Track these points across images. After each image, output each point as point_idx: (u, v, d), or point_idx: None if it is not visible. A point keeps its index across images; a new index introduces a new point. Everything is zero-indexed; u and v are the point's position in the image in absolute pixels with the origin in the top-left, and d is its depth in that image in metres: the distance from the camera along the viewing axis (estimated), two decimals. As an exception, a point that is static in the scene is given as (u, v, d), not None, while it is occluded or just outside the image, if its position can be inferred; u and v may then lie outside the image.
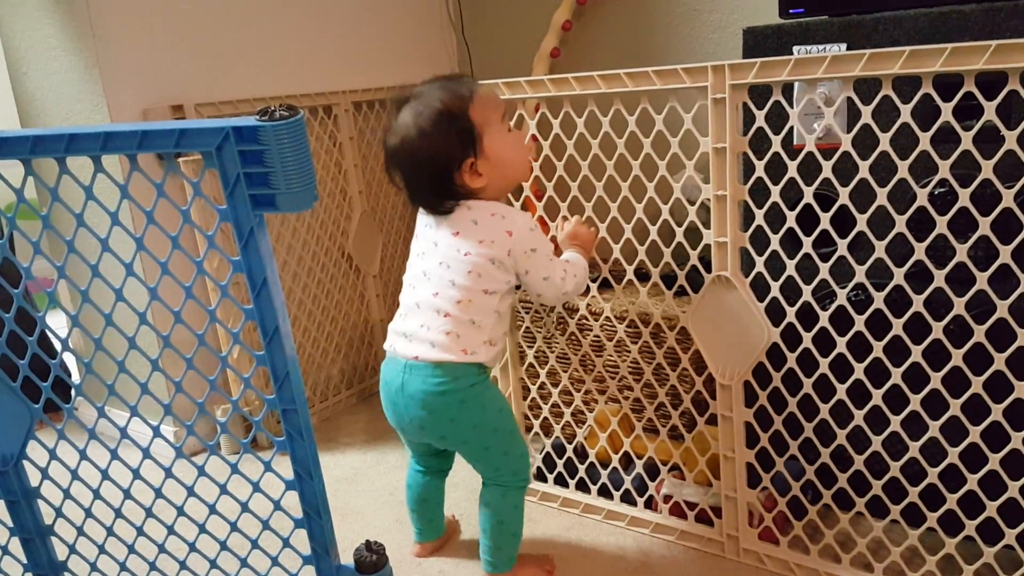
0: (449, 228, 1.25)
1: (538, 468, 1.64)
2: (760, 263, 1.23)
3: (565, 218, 1.42)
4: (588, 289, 1.46)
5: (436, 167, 1.21)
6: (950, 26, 1.16)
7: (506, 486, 1.31)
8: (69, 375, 2.25)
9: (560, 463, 1.59)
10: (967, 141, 1.02)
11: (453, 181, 1.22)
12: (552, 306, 1.62)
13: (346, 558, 0.96)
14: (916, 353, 1.12)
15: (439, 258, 1.24)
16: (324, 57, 2.20)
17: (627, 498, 1.52)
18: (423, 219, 1.30)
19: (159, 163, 1.74)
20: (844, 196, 1.13)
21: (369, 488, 1.74)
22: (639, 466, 1.51)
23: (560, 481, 1.61)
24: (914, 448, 1.17)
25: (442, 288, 1.23)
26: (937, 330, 1.10)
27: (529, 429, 1.69)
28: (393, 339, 1.29)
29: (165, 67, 1.86)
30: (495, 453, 1.29)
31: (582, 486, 1.58)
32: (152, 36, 1.83)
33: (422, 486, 1.42)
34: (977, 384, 1.09)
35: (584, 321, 1.64)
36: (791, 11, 1.36)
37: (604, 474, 1.54)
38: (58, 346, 0.97)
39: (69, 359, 2.47)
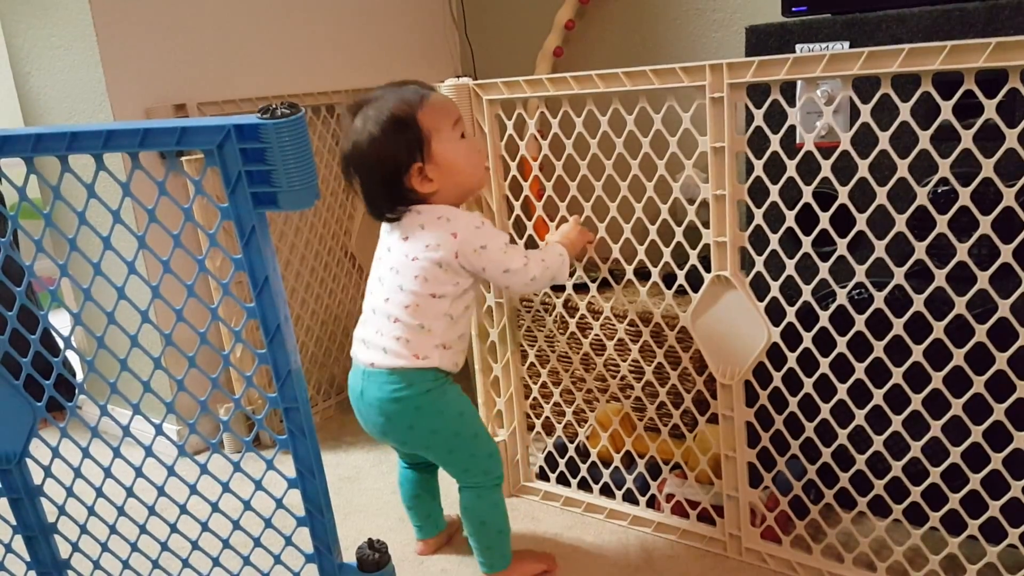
0: (400, 233, 1.26)
1: (540, 467, 1.64)
2: (760, 263, 1.23)
3: (564, 218, 1.42)
4: (588, 288, 1.47)
5: (385, 172, 1.22)
6: (953, 24, 1.16)
7: (480, 487, 1.32)
8: (73, 374, 2.24)
9: (562, 462, 1.60)
10: (967, 140, 1.02)
11: (403, 186, 1.23)
12: (551, 303, 1.62)
13: (348, 556, 0.96)
14: (917, 353, 1.12)
15: (390, 263, 1.26)
16: (327, 56, 2.20)
17: (629, 497, 1.52)
18: (383, 224, 1.31)
19: (161, 162, 1.75)
20: (844, 195, 1.13)
21: (372, 487, 1.74)
22: (641, 465, 1.51)
23: (562, 480, 1.61)
24: (916, 448, 1.17)
25: (392, 293, 1.24)
26: (938, 329, 1.10)
27: (531, 428, 1.70)
28: (355, 345, 1.30)
29: (168, 66, 1.86)
30: (460, 456, 1.30)
31: (584, 485, 1.58)
32: (155, 35, 1.83)
33: (413, 482, 1.43)
34: (979, 383, 1.09)
35: (584, 320, 1.64)
36: (794, 9, 1.36)
37: (606, 473, 1.54)
38: (61, 344, 0.98)
39: (72, 357, 2.48)
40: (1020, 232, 1.01)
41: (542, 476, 1.64)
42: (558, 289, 1.57)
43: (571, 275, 1.36)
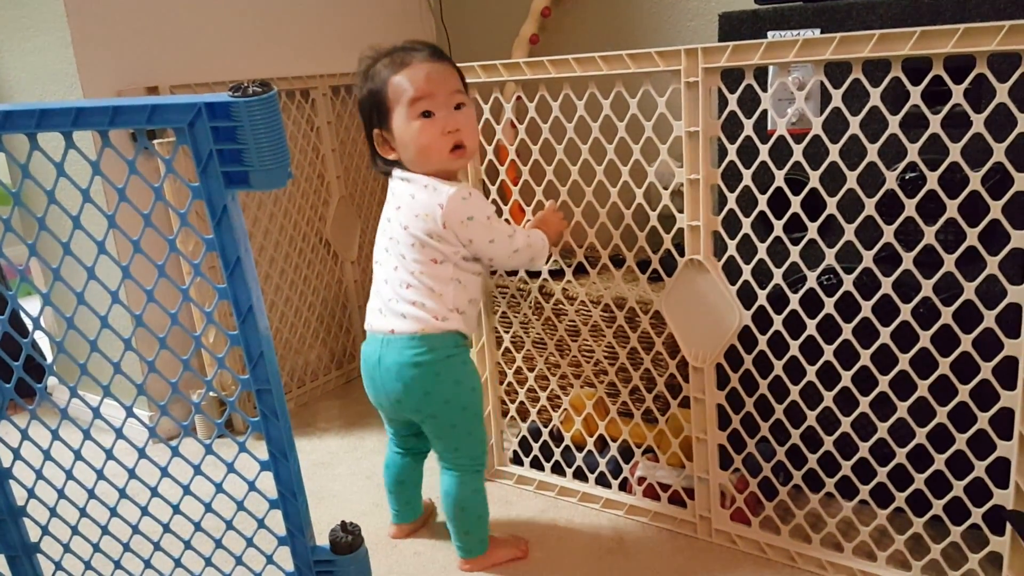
0: (395, 202, 1.28)
1: (514, 452, 1.65)
2: (732, 247, 1.24)
3: (540, 203, 1.43)
4: (563, 274, 1.47)
5: (365, 129, 1.29)
6: (922, 12, 1.17)
7: (462, 470, 1.32)
8: (43, 356, 2.21)
9: (536, 447, 1.60)
10: (935, 125, 1.03)
11: (374, 143, 1.28)
12: (527, 289, 1.63)
13: (322, 540, 0.96)
14: (884, 335, 1.14)
15: (391, 233, 1.28)
16: (302, 40, 2.19)
17: (602, 480, 1.53)
18: (388, 192, 1.33)
19: (132, 143, 1.73)
20: (814, 180, 1.14)
21: (346, 472, 1.74)
22: (614, 449, 1.52)
23: (536, 464, 1.62)
24: (882, 429, 1.19)
25: (398, 261, 1.26)
26: (905, 312, 1.12)
27: (505, 413, 1.70)
28: (370, 317, 1.30)
29: (140, 48, 1.84)
30: (460, 432, 1.30)
31: (558, 469, 1.59)
32: (127, 17, 1.81)
33: (400, 467, 1.43)
34: (944, 365, 1.10)
35: (559, 306, 1.64)
36: (766, -3, 1.37)
37: (579, 457, 1.55)
38: (30, 326, 0.96)
39: (41, 339, 2.45)
40: (985, 216, 1.03)
41: (516, 460, 1.65)
42: (533, 274, 1.58)
43: (547, 260, 1.36)
